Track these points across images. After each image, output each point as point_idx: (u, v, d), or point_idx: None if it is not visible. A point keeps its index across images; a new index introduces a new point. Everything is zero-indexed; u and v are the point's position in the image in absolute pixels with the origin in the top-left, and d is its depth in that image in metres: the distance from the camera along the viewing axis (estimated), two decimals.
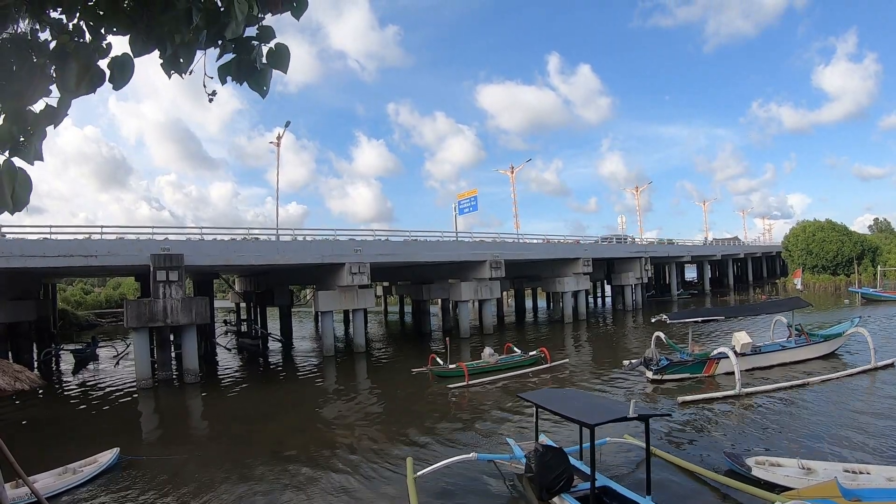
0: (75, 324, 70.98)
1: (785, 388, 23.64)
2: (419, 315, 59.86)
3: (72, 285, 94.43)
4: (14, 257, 29.14)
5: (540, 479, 12.10)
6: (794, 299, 34.19)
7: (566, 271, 58.76)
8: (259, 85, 3.92)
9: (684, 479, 14.25)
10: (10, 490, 13.27)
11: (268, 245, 38.54)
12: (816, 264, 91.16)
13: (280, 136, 56.88)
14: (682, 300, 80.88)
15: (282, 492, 15.15)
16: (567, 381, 28.46)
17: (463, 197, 65.94)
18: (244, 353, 46.90)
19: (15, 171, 3.31)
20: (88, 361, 42.87)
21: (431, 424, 21.43)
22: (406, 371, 32.31)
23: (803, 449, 15.90)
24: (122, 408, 27.51)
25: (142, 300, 33.11)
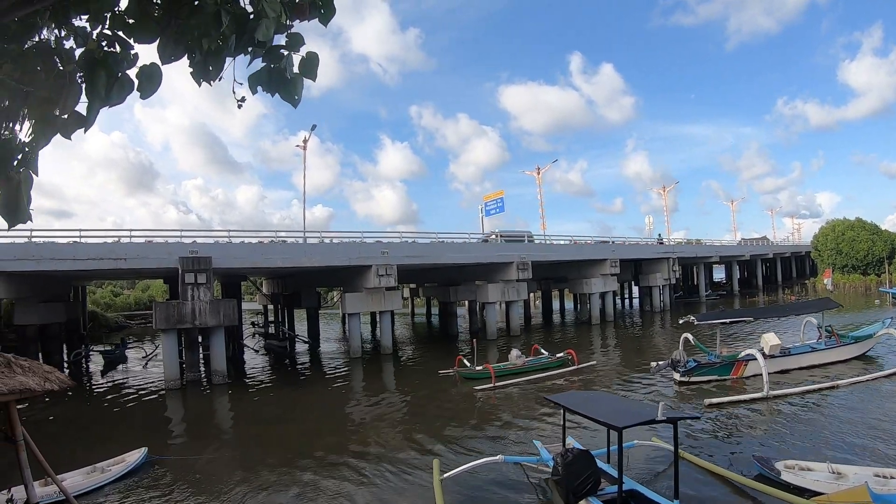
0: (105, 325, 71.53)
1: (813, 390, 23.28)
2: (446, 317, 59.82)
3: (101, 288, 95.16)
4: (44, 260, 29.59)
5: (567, 483, 12.02)
6: (823, 300, 33.80)
7: (593, 272, 58.40)
8: (290, 95, 3.94)
9: (713, 483, 14.10)
10: (39, 488, 13.42)
11: (295, 247, 38.72)
12: (846, 264, 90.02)
13: (306, 140, 57.09)
14: (711, 301, 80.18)
15: (308, 492, 15.19)
16: (594, 383, 28.32)
17: (490, 198, 65.89)
18: (272, 355, 47.13)
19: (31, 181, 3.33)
20: (117, 363, 43.23)
21: (458, 426, 21.40)
22: (433, 373, 32.31)
23: (832, 453, 15.64)
24: (150, 408, 27.77)
25: (170, 302, 33.41)
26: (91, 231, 33.16)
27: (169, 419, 26.15)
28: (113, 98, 3.61)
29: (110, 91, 3.58)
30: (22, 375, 10.22)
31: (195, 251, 32.66)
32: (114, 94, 3.60)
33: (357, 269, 40.44)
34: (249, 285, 73.60)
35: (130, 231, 34.15)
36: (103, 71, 3.54)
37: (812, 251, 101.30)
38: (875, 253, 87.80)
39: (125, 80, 3.63)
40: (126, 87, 3.64)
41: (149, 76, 3.64)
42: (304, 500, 14.77)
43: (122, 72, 3.63)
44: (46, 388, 10.63)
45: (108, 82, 3.56)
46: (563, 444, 15.11)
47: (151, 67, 3.64)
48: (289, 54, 3.86)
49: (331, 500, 14.63)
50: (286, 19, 3.77)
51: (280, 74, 3.87)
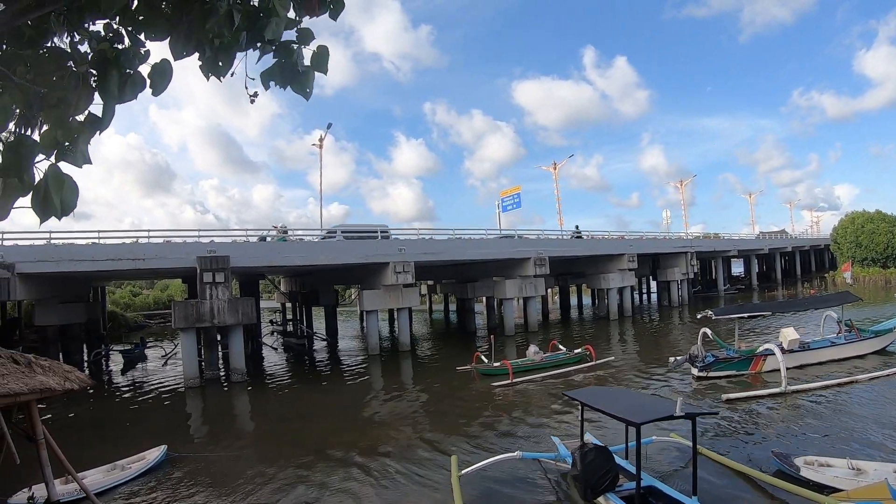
0: (124, 325, 71.94)
1: (832, 385, 23.04)
2: (464, 313, 59.78)
3: (120, 288, 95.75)
4: (64, 261, 29.83)
5: (585, 479, 12.02)
6: (843, 294, 33.47)
7: (611, 267, 58.21)
8: (303, 87, 3.96)
9: (731, 479, 14.02)
10: (60, 486, 13.54)
11: (312, 245, 38.87)
12: (866, 257, 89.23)
13: (322, 138, 57.24)
14: (729, 295, 79.67)
15: (326, 489, 15.24)
16: (612, 378, 28.26)
17: (506, 194, 65.77)
18: (290, 353, 47.37)
19: (62, 177, 3.36)
20: (137, 362, 43.55)
21: (476, 423, 21.43)
22: (451, 369, 32.32)
23: (851, 449, 15.51)
24: (169, 406, 27.97)
25: (189, 301, 33.57)
26: (109, 232, 33.51)
27: (188, 417, 26.33)
28: (126, 95, 3.64)
29: (123, 88, 3.61)
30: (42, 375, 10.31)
31: (213, 250, 32.84)
32: (126, 91, 3.63)
33: (374, 266, 40.50)
34: (267, 284, 73.70)
35: (149, 231, 34.41)
36: (115, 69, 3.57)
37: (831, 244, 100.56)
38: (895, 246, 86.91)
39: (137, 77, 3.67)
40: (138, 83, 3.67)
41: (161, 73, 3.68)
42: (322, 496, 14.81)
43: (133, 69, 3.65)
44: (67, 388, 10.72)
45: (121, 80, 3.59)
46: (581, 441, 15.09)
47: (163, 64, 3.67)
48: (299, 48, 3.88)
49: (349, 497, 14.67)
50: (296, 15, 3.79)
51: (291, 68, 3.89)
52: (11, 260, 29.09)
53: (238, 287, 58.11)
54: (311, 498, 14.73)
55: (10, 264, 28.90)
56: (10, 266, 28.88)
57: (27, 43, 3.71)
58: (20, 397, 9.65)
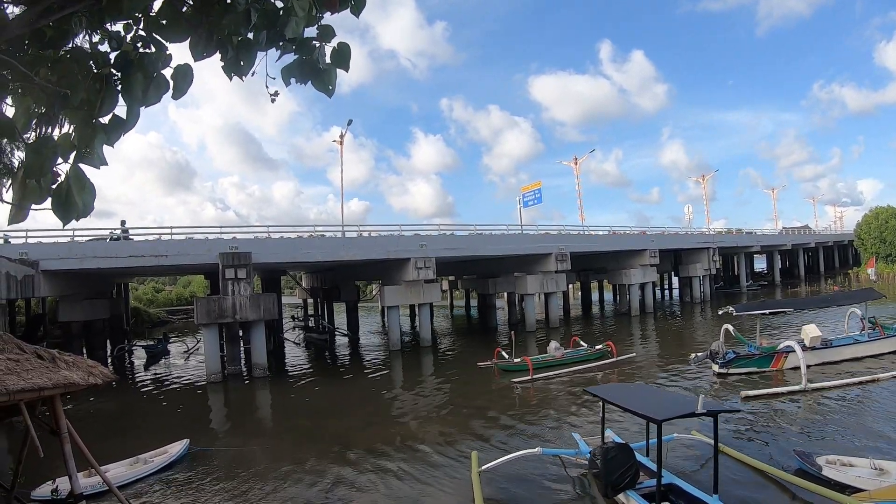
0: (147, 321, 72.46)
1: (853, 384, 22.79)
2: (485, 309, 59.75)
3: (143, 284, 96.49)
4: (87, 258, 30.12)
5: (605, 476, 12.00)
6: (866, 290, 33.13)
7: (632, 263, 57.99)
8: (324, 84, 3.97)
9: (753, 477, 13.94)
10: (83, 479, 13.67)
11: (333, 242, 39.04)
12: (890, 253, 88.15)
13: (342, 135, 57.24)
14: (752, 292, 79.10)
15: (347, 484, 15.33)
16: (634, 375, 28.19)
17: (527, 189, 65.38)
18: (311, 348, 47.53)
19: (84, 178, 3.39)
20: (160, 357, 43.92)
21: (496, 419, 21.44)
22: (471, 365, 32.34)
23: (873, 448, 15.35)
24: (191, 401, 28.23)
25: (211, 297, 33.85)
26: (132, 229, 33.70)
27: (210, 411, 26.56)
28: (150, 98, 3.67)
29: (147, 91, 3.64)
30: (66, 370, 10.41)
31: (235, 247, 33.02)
32: (150, 94, 3.66)
33: (395, 262, 40.59)
34: (289, 280, 73.99)
35: (171, 229, 34.62)
36: (139, 72, 3.60)
37: (855, 240, 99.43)
38: None
39: (160, 79, 3.69)
40: (162, 86, 3.70)
41: (183, 75, 3.70)
42: (342, 491, 14.89)
43: (157, 72, 3.68)
44: (90, 383, 10.81)
45: (145, 83, 3.62)
46: (602, 438, 15.09)
47: (185, 67, 3.69)
48: (321, 45, 3.89)
49: (369, 492, 14.74)
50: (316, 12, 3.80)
51: (312, 65, 3.90)
52: (35, 257, 29.40)
53: (260, 283, 58.37)
54: (331, 492, 14.81)
55: (34, 261, 29.20)
56: (34, 263, 29.17)
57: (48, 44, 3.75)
58: (44, 392, 9.75)
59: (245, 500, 14.54)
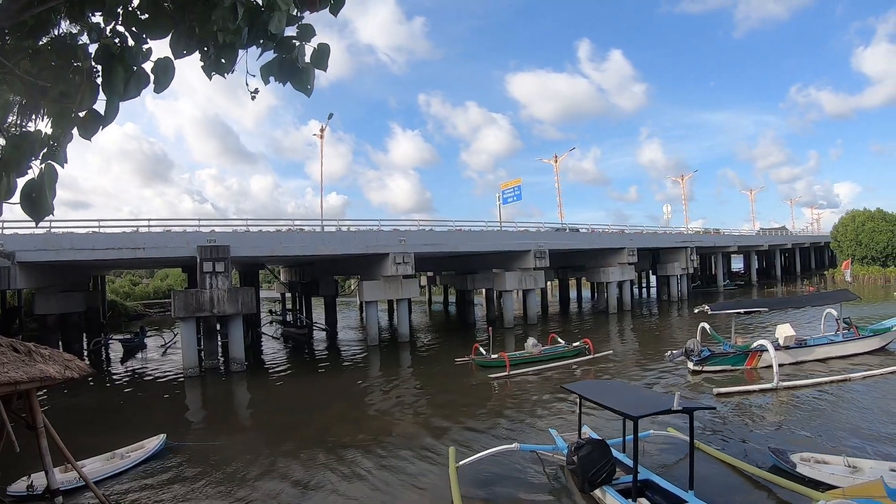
0: (124, 314, 71.91)
1: (824, 383, 23.11)
2: (463, 305, 59.95)
3: (120, 277, 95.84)
4: (64, 250, 29.88)
5: (582, 471, 12.09)
6: (841, 292, 33.48)
7: (611, 261, 58.35)
8: (303, 84, 3.97)
9: (728, 474, 14.09)
10: (60, 474, 13.58)
11: (312, 236, 38.87)
12: (866, 255, 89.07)
13: (323, 129, 57.12)
14: (728, 291, 79.74)
15: (324, 479, 15.32)
16: (611, 372, 28.35)
17: (507, 186, 65.63)
18: (289, 343, 47.41)
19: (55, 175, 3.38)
20: (136, 351, 43.62)
21: (474, 414, 21.51)
22: (449, 361, 32.43)
23: (841, 446, 15.56)
24: (168, 396, 28.08)
25: (189, 291, 33.64)
26: (109, 221, 33.47)
27: (187, 406, 26.42)
28: (130, 92, 3.66)
29: (127, 85, 3.63)
30: (42, 364, 10.36)
31: (213, 240, 32.87)
32: (131, 88, 3.64)
33: (374, 257, 40.58)
34: (267, 274, 73.84)
35: (149, 221, 34.39)
36: (120, 66, 3.59)
37: (831, 242, 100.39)
38: (895, 244, 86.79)
39: (141, 73, 3.67)
40: (142, 81, 3.68)
41: (164, 69, 3.69)
42: (320, 485, 14.89)
43: (137, 66, 3.67)
44: (66, 376, 10.77)
45: (126, 76, 3.61)
46: (579, 433, 15.17)
47: (165, 61, 3.68)
48: (301, 45, 3.90)
49: (347, 487, 14.75)
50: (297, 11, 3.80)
51: (292, 64, 3.91)
52: (11, 249, 29.12)
53: (238, 277, 58.24)
54: (308, 487, 14.81)
55: (11, 253, 28.93)
56: (11, 255, 28.91)
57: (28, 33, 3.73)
58: (20, 385, 9.70)
59: (222, 495, 14.51)
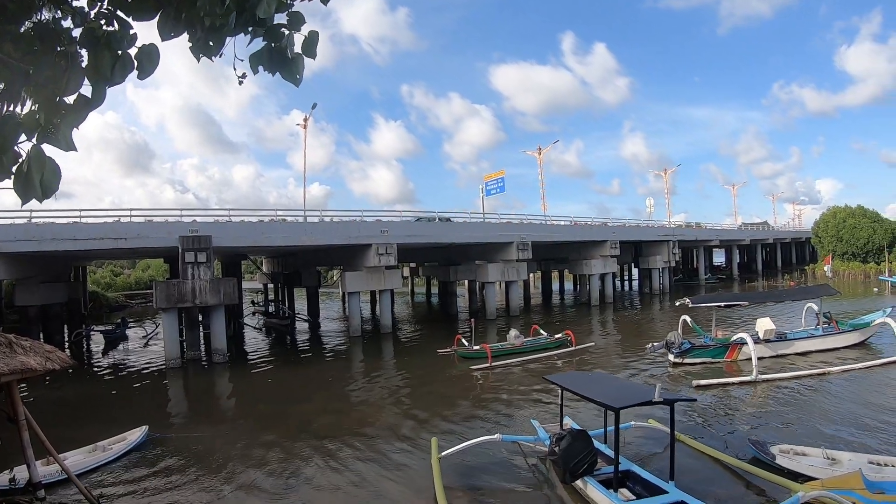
0: (105, 305, 71.53)
1: (803, 376, 23.29)
2: (446, 296, 60.05)
3: (101, 268, 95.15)
4: (45, 241, 29.62)
5: (564, 462, 12.15)
6: (822, 286, 33.82)
7: (593, 254, 58.52)
8: (292, 74, 3.94)
9: (708, 465, 14.20)
10: (42, 467, 13.49)
11: (295, 226, 38.78)
12: (846, 251, 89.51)
13: (307, 119, 56.84)
14: (710, 285, 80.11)
15: (307, 470, 15.32)
16: (592, 364, 28.48)
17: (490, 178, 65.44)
18: (272, 334, 47.39)
19: (44, 158, 3.36)
20: (118, 342, 43.32)
21: (456, 405, 21.61)
22: (431, 352, 32.43)
23: (819, 438, 15.70)
24: (150, 387, 27.92)
25: (171, 281, 33.50)
26: (91, 211, 33.22)
27: (169, 397, 26.37)
28: (116, 78, 3.63)
29: (114, 70, 3.60)
30: (23, 355, 10.30)
31: (195, 230, 32.69)
32: (116, 73, 3.62)
33: (357, 247, 40.58)
34: (249, 264, 73.61)
35: (130, 211, 34.18)
36: (107, 50, 3.56)
37: (812, 237, 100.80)
38: (875, 241, 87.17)
39: (126, 59, 3.64)
40: (127, 66, 3.64)
41: (148, 55, 3.65)
42: (302, 477, 14.89)
43: (123, 51, 3.64)
44: (48, 368, 10.71)
45: (112, 61, 3.58)
46: (561, 424, 15.26)
47: (150, 47, 3.64)
48: (290, 33, 3.87)
49: (329, 478, 14.75)
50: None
51: (281, 53, 3.88)
52: None
53: (220, 267, 57.96)
54: (291, 478, 14.80)
55: None
56: None
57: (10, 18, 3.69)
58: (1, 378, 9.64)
59: (204, 487, 14.47)
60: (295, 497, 13.66)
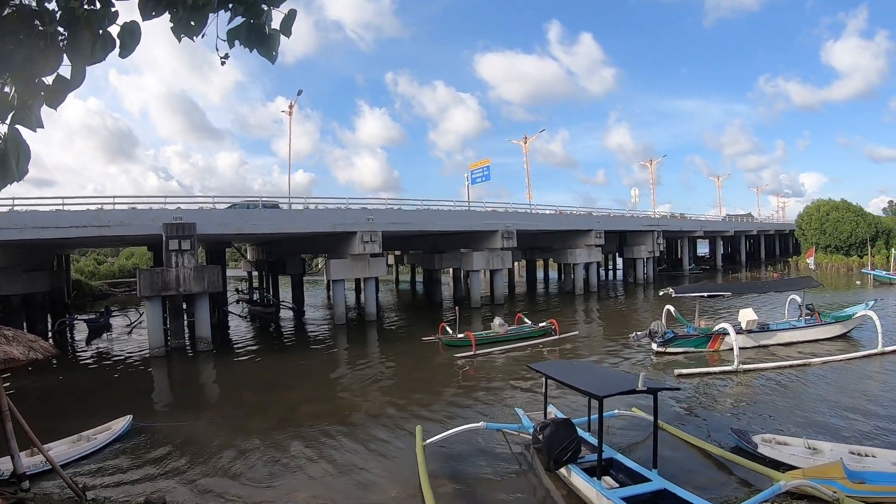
0: (89, 294, 71.03)
1: (784, 367, 23.47)
2: (430, 284, 60.08)
3: (85, 256, 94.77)
4: (27, 229, 29.34)
5: (548, 450, 12.18)
6: (804, 279, 33.96)
7: (578, 243, 58.68)
8: (268, 50, 3.90)
9: (691, 453, 14.32)
10: (26, 458, 13.40)
11: (279, 214, 38.67)
12: (830, 244, 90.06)
13: (292, 105, 56.76)
14: (694, 275, 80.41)
15: (291, 458, 15.33)
16: (576, 352, 28.66)
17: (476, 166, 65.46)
18: (256, 322, 47.25)
19: (20, 141, 3.34)
20: (102, 331, 43.01)
21: (440, 393, 21.72)
22: (416, 340, 32.56)
23: (799, 428, 15.88)
24: (134, 376, 27.80)
25: (155, 269, 33.31)
26: (74, 199, 32.88)
27: (153, 386, 26.24)
28: (97, 57, 3.59)
29: (94, 49, 3.56)
30: (6, 345, 10.22)
31: (179, 217, 32.46)
32: (97, 52, 3.58)
33: (342, 235, 40.50)
34: (234, 252, 73.38)
35: (114, 198, 33.76)
36: (87, 29, 3.52)
37: (796, 230, 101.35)
38: (858, 235, 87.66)
39: (107, 37, 3.59)
40: (108, 44, 3.59)
41: (130, 34, 3.60)
42: (286, 465, 14.89)
43: (104, 29, 3.61)
44: (31, 358, 10.64)
45: (92, 39, 3.54)
46: (545, 413, 15.30)
47: (132, 25, 3.59)
48: (269, 10, 3.85)
49: (313, 466, 14.76)
50: None
51: (259, 30, 3.85)
52: None
53: (204, 255, 57.79)
54: (275, 466, 14.80)
55: None
56: None
57: None
58: None
59: (189, 476, 14.43)
60: (279, 485, 13.66)
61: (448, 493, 12.66)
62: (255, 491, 13.38)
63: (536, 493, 12.79)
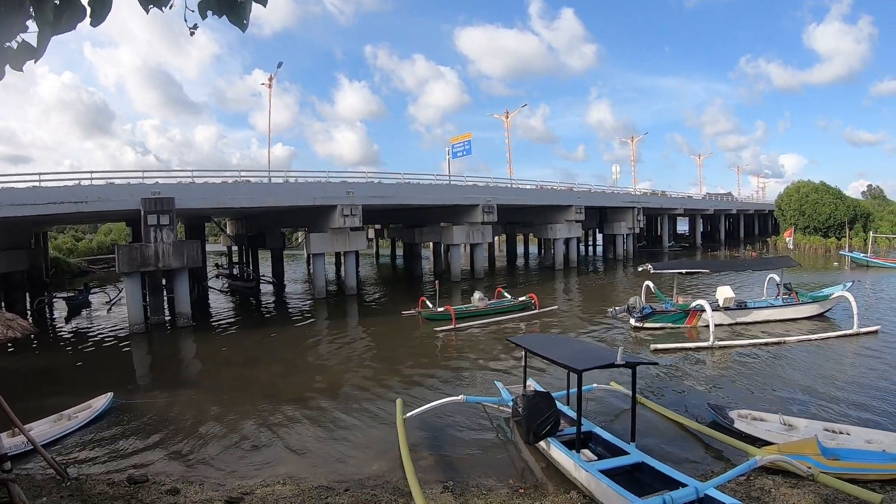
0: (67, 271, 70.34)
1: (759, 344, 23.77)
2: (411, 258, 60.32)
3: (63, 233, 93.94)
4: (4, 206, 28.84)
5: (527, 423, 12.24)
6: (783, 258, 34.29)
7: (558, 218, 58.94)
8: (239, 18, 3.81)
9: (668, 427, 14.47)
10: (7, 439, 13.31)
11: (259, 188, 38.43)
12: (808, 225, 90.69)
13: (272, 78, 56.57)
14: (673, 252, 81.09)
15: (273, 433, 15.34)
16: (555, 326, 28.88)
17: (457, 140, 65.37)
18: (236, 297, 47.14)
19: None
20: (81, 308, 42.65)
21: (420, 367, 21.82)
22: (396, 313, 32.74)
23: (774, 404, 16.07)
24: (115, 353, 27.62)
25: (133, 245, 32.99)
26: (50, 175, 32.51)
27: (134, 363, 26.08)
28: (63, 24, 3.51)
29: (60, 17, 3.49)
30: None
31: (157, 192, 32.19)
32: (64, 20, 3.51)
33: (322, 209, 40.42)
34: (213, 226, 72.99)
35: (91, 173, 33.33)
36: None
37: (775, 210, 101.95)
38: (837, 217, 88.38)
39: (76, 5, 3.53)
40: (78, 12, 3.52)
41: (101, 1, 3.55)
42: (267, 439, 14.90)
43: None
44: (9, 336, 10.57)
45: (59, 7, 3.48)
46: (524, 386, 15.38)
47: None
48: None
49: (294, 440, 14.78)
50: None
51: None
52: None
53: (184, 230, 57.42)
54: (257, 441, 14.81)
55: None
56: None
57: None
58: None
59: (170, 452, 14.40)
60: (260, 460, 13.66)
61: (429, 466, 12.73)
62: (236, 465, 13.38)
63: (516, 465, 12.88)
